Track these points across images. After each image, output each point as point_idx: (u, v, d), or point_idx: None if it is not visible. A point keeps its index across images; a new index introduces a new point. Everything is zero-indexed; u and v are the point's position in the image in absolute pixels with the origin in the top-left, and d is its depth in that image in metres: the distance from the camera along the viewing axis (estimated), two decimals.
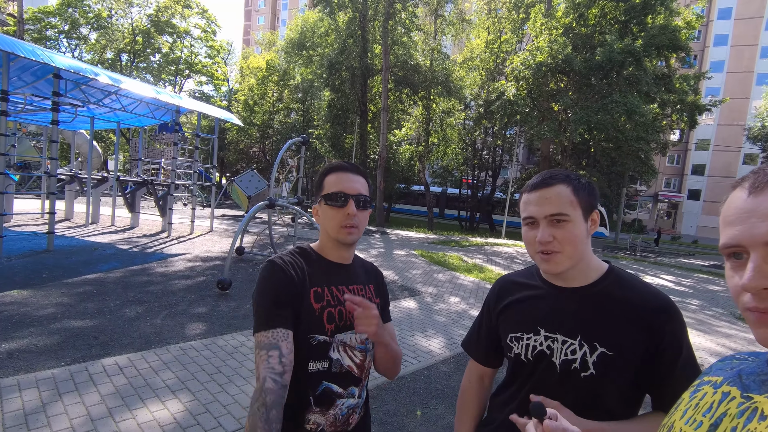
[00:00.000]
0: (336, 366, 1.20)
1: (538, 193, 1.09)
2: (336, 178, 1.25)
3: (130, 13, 31.98)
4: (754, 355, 0.70)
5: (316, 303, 1.19)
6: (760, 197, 0.55)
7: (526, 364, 1.14)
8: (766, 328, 0.54)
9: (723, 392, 0.65)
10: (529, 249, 1.12)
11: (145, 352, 4.03)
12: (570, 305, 1.11)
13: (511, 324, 1.19)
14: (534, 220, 1.09)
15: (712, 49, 44.19)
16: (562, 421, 0.72)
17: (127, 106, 10.97)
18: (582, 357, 1.05)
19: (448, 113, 24.17)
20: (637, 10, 17.81)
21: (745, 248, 0.55)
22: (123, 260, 7.76)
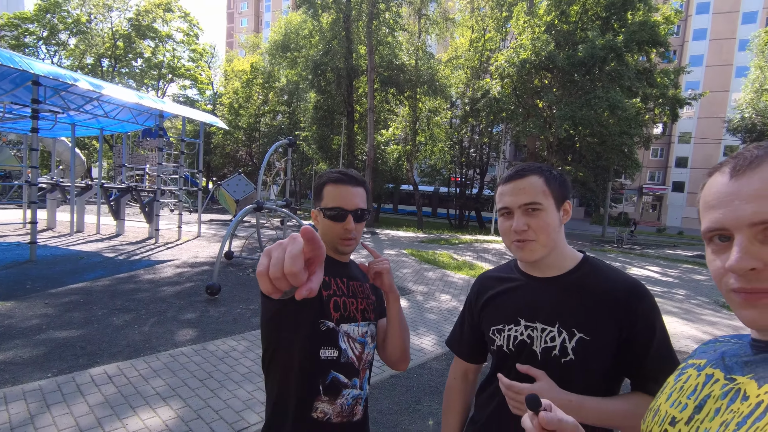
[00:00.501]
0: (344, 356, 1.24)
1: (512, 184, 1.13)
2: (336, 190, 1.27)
3: (109, 18, 31.48)
4: (736, 337, 0.71)
5: (324, 290, 1.23)
6: (742, 180, 0.56)
7: (509, 354, 1.16)
8: (752, 309, 0.55)
9: (707, 374, 0.66)
10: (505, 239, 1.16)
11: (134, 360, 3.98)
12: (547, 294, 1.14)
13: (492, 317, 1.22)
14: (509, 210, 1.12)
15: (691, 44, 45.00)
16: (557, 412, 0.72)
17: (109, 112, 10.81)
18: (561, 343, 1.09)
19: (434, 112, 24.22)
20: (617, 6, 18.06)
21: (730, 231, 0.56)
22: (109, 268, 7.64)
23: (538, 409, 0.71)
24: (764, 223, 0.53)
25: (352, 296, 1.30)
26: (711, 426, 0.58)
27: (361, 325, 1.30)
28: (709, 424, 0.59)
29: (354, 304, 1.30)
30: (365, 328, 1.32)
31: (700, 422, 0.60)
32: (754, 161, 0.56)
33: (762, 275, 0.53)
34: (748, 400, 0.56)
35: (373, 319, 1.37)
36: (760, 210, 0.53)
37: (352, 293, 1.30)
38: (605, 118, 16.69)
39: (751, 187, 0.54)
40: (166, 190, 14.44)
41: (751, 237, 0.54)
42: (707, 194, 0.61)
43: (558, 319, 1.11)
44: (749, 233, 0.54)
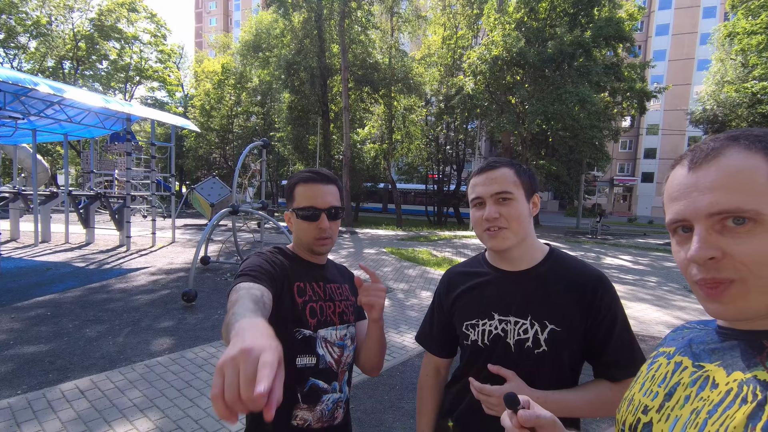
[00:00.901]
0: (323, 362, 1.22)
1: (484, 175, 1.16)
2: (307, 190, 1.25)
3: (71, 19, 30.34)
4: (703, 323, 0.72)
5: (299, 297, 1.21)
6: (699, 172, 0.57)
7: (483, 349, 1.17)
8: (717, 302, 0.56)
9: (675, 362, 0.67)
10: (477, 229, 1.18)
11: (108, 372, 3.85)
12: (519, 287, 1.17)
13: (465, 312, 1.22)
14: (481, 200, 1.15)
15: (654, 39, 46.49)
16: (535, 409, 0.72)
17: (73, 117, 10.42)
18: (534, 335, 1.12)
19: (409, 110, 24.30)
20: (584, 2, 18.50)
21: (690, 222, 0.57)
22: (79, 279, 7.38)
23: (516, 408, 0.72)
24: (720, 214, 0.54)
25: (329, 300, 1.28)
26: (681, 413, 0.59)
27: (339, 329, 1.29)
28: (679, 412, 0.60)
29: (331, 307, 1.28)
30: (344, 331, 1.30)
31: (671, 409, 0.61)
32: (710, 153, 0.57)
33: (720, 264, 0.54)
34: (718, 387, 0.56)
35: (353, 321, 1.35)
36: (716, 201, 0.54)
37: (329, 297, 1.28)
38: (576, 112, 17.09)
39: (707, 179, 0.56)
40: (137, 196, 14.04)
41: (709, 227, 0.55)
42: (669, 187, 0.62)
43: (530, 311, 1.13)
44: (707, 224, 0.55)
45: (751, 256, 0.52)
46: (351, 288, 1.41)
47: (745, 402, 0.51)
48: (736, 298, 0.54)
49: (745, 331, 0.59)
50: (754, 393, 0.51)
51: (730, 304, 0.55)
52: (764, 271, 0.52)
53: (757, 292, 0.53)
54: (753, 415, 0.49)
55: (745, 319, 0.57)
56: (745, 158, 0.54)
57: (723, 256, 0.54)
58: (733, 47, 22.21)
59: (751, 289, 0.53)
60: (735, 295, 0.54)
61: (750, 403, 0.51)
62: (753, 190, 0.53)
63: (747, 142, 0.55)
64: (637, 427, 0.66)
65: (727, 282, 0.54)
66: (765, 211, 0.52)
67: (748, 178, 0.53)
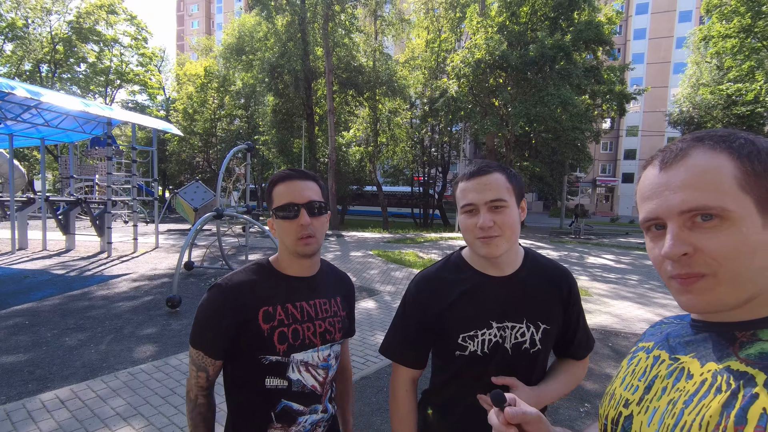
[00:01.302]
0: (297, 386, 1.17)
1: (477, 180, 1.11)
2: (284, 188, 1.17)
3: (48, 21, 29.68)
4: (679, 318, 0.75)
5: (265, 324, 1.14)
6: (670, 171, 0.59)
7: (480, 358, 1.15)
8: (688, 294, 0.58)
9: (654, 356, 0.70)
10: (468, 236, 1.14)
11: (90, 381, 3.77)
12: (510, 292, 1.17)
13: (460, 324, 1.16)
14: (474, 207, 1.10)
15: (632, 43, 47.61)
16: (521, 406, 0.74)
17: (51, 121, 10.20)
18: (530, 337, 1.15)
19: (394, 113, 24.37)
20: (564, 6, 18.83)
21: (663, 219, 0.60)
22: (59, 286, 7.20)
23: (503, 405, 0.73)
24: (692, 211, 0.56)
25: (308, 320, 1.20)
26: (659, 405, 0.61)
27: (322, 349, 1.22)
28: (657, 403, 0.62)
29: (311, 328, 1.20)
30: (327, 351, 1.23)
31: (649, 401, 0.64)
32: (679, 153, 0.59)
33: (693, 260, 0.56)
34: (693, 378, 0.59)
35: (339, 339, 1.28)
36: (687, 198, 0.57)
37: (307, 317, 1.20)
38: (558, 114, 17.37)
39: (678, 178, 0.58)
40: (118, 201, 13.79)
41: (681, 224, 0.57)
42: (642, 187, 0.64)
43: (524, 315, 1.15)
44: (679, 221, 0.57)
45: (720, 251, 0.55)
46: (344, 300, 1.33)
47: (719, 391, 0.53)
48: (706, 290, 0.56)
49: (718, 324, 0.62)
50: (727, 382, 0.53)
51: (701, 296, 0.57)
52: (732, 264, 0.54)
53: (726, 285, 0.55)
54: (727, 403, 0.51)
55: (715, 311, 0.59)
56: (710, 158, 0.57)
57: (695, 252, 0.56)
58: (708, 50, 22.84)
59: (721, 282, 0.55)
60: (705, 287, 0.56)
61: (724, 392, 0.53)
62: (718, 189, 0.55)
63: (711, 142, 0.58)
64: (619, 420, 0.68)
65: (699, 276, 0.56)
66: (730, 207, 0.54)
67: (713, 177, 0.56)
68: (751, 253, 0.54)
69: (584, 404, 3.55)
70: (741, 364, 0.55)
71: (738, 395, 0.51)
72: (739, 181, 0.55)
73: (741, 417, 0.49)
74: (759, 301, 0.57)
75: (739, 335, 0.58)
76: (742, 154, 0.56)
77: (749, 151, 0.56)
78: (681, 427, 0.55)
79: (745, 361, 0.54)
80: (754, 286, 0.55)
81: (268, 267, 1.24)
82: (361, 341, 4.96)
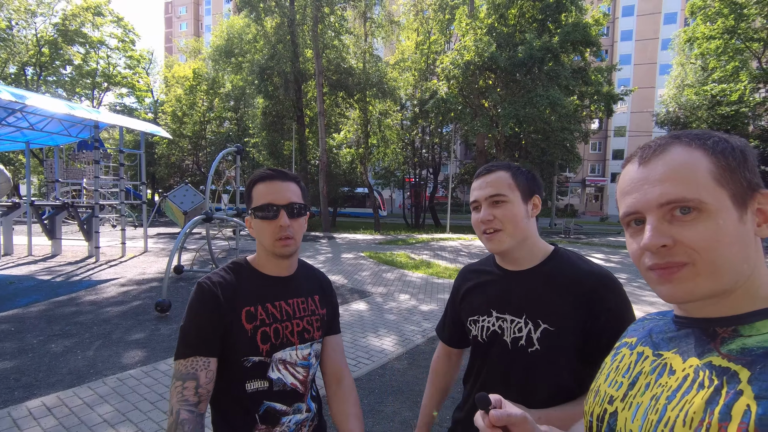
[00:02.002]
0: (278, 385, 1.17)
1: (480, 179, 1.20)
2: (264, 188, 1.17)
3: (33, 24, 29.23)
4: (662, 314, 0.76)
5: (248, 323, 1.14)
6: (649, 166, 0.61)
7: (482, 344, 1.23)
8: (667, 284, 0.59)
9: (638, 353, 0.70)
10: (477, 231, 1.21)
11: (77, 388, 3.71)
12: (518, 286, 1.19)
13: (469, 308, 1.29)
14: (478, 204, 1.19)
15: (619, 44, 48.21)
16: (507, 407, 0.73)
17: (36, 124, 10.04)
18: (527, 334, 1.13)
19: (384, 114, 24.37)
20: (551, 9, 19.01)
21: (642, 213, 0.61)
22: (45, 292, 7.09)
23: (488, 408, 0.73)
24: (670, 203, 0.58)
25: (287, 320, 1.21)
26: (642, 400, 0.62)
27: (301, 348, 1.22)
28: (640, 399, 0.63)
29: (288, 327, 1.20)
30: (307, 350, 1.24)
31: (633, 398, 0.64)
32: (657, 149, 0.62)
33: (672, 251, 0.58)
34: (675, 374, 0.60)
35: (318, 337, 1.28)
36: (665, 191, 0.58)
37: (286, 316, 1.21)
38: (547, 115, 17.51)
39: (656, 172, 0.60)
40: (105, 205, 13.62)
41: (660, 217, 0.59)
42: (622, 182, 0.66)
43: (525, 310, 1.15)
44: (658, 213, 0.59)
45: (699, 241, 0.56)
46: (322, 299, 1.33)
47: (702, 387, 0.54)
48: (685, 279, 0.58)
49: (699, 319, 0.62)
50: (710, 378, 0.54)
51: (680, 285, 0.58)
52: (710, 254, 0.56)
53: (704, 275, 0.57)
54: (711, 399, 0.52)
55: (692, 301, 0.60)
56: (687, 153, 0.59)
57: (674, 244, 0.57)
58: (692, 52, 23.22)
59: (700, 272, 0.57)
60: (685, 277, 0.58)
61: (707, 388, 0.53)
62: (695, 182, 0.57)
63: (687, 140, 0.61)
64: (604, 417, 0.69)
65: (679, 265, 0.58)
66: (706, 199, 0.56)
67: (690, 171, 0.58)
68: (729, 244, 0.56)
69: None
70: (723, 359, 0.55)
71: (721, 391, 0.52)
72: (714, 176, 0.57)
73: (725, 413, 0.49)
74: (738, 296, 0.58)
75: (720, 331, 0.59)
76: (717, 150, 0.59)
77: (723, 147, 0.59)
78: (665, 423, 0.55)
79: (727, 357, 0.55)
80: (731, 277, 0.57)
81: (247, 266, 1.24)
82: (353, 343, 4.95)
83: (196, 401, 1.05)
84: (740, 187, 0.58)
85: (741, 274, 0.57)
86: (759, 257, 0.59)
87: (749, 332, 0.56)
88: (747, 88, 21.22)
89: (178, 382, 1.08)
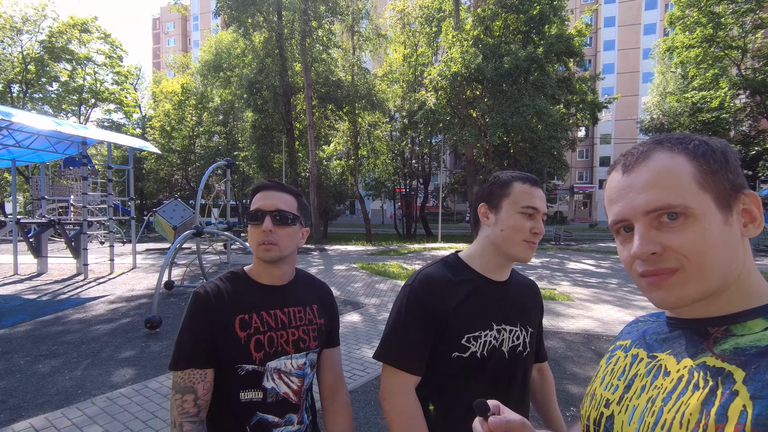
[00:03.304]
0: (272, 395, 1.17)
1: (539, 191, 1.26)
2: (259, 196, 1.23)
3: (19, 41, 29.06)
4: (655, 316, 0.77)
5: (242, 331, 1.15)
6: (633, 174, 0.62)
7: (480, 360, 1.15)
8: (659, 290, 0.60)
9: (632, 355, 0.70)
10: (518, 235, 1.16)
11: (65, 408, 3.63)
12: (507, 296, 1.22)
13: (467, 324, 1.15)
14: (535, 212, 1.21)
15: (602, 54, 49.30)
16: (505, 413, 0.73)
17: (21, 141, 9.93)
18: (524, 340, 1.22)
19: (374, 126, 24.52)
20: (535, 21, 19.42)
21: (630, 221, 0.61)
22: (31, 311, 6.95)
23: (486, 414, 0.73)
24: (656, 210, 0.58)
25: (282, 328, 1.21)
26: (638, 403, 0.62)
27: (296, 357, 1.22)
28: (636, 401, 0.63)
29: (284, 336, 1.21)
30: (302, 360, 1.23)
31: (629, 400, 0.64)
32: (640, 156, 0.62)
33: (662, 257, 0.58)
34: (670, 375, 0.60)
35: (314, 347, 1.27)
36: (651, 199, 0.59)
37: (281, 325, 1.21)
38: (533, 124, 17.77)
39: (641, 180, 0.60)
40: (93, 222, 13.44)
41: (648, 224, 0.59)
42: (608, 191, 0.67)
43: (518, 318, 1.22)
44: (645, 221, 0.59)
45: (687, 246, 0.57)
46: (320, 308, 1.32)
47: (697, 388, 0.54)
48: (675, 285, 0.58)
49: (691, 320, 0.63)
50: (704, 379, 0.54)
51: (671, 291, 0.58)
52: (699, 259, 0.56)
53: (694, 280, 0.57)
54: (706, 400, 0.52)
55: (684, 306, 0.60)
56: (670, 159, 0.60)
57: (664, 250, 0.58)
58: (672, 60, 23.81)
59: (690, 277, 0.57)
60: (675, 282, 0.58)
61: (702, 389, 0.53)
62: (679, 187, 0.58)
63: (670, 144, 0.61)
64: (601, 421, 0.68)
65: (669, 271, 0.58)
66: (692, 205, 0.57)
67: (674, 177, 0.58)
68: (716, 247, 0.56)
69: (570, 408, 3.58)
70: (717, 360, 0.55)
71: (717, 392, 0.52)
72: (697, 180, 0.58)
73: (722, 414, 0.49)
74: (729, 295, 0.59)
75: (712, 331, 0.59)
76: (698, 154, 0.59)
77: (704, 151, 0.59)
78: (661, 425, 0.55)
79: (720, 357, 0.55)
80: (720, 278, 0.57)
81: (243, 275, 1.26)
82: (347, 355, 4.92)
83: (196, 411, 1.11)
84: (723, 189, 0.58)
85: (729, 275, 0.57)
86: (747, 257, 0.60)
87: (741, 331, 0.56)
88: (727, 94, 21.76)
89: (177, 395, 1.10)
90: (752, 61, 22.44)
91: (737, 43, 21.19)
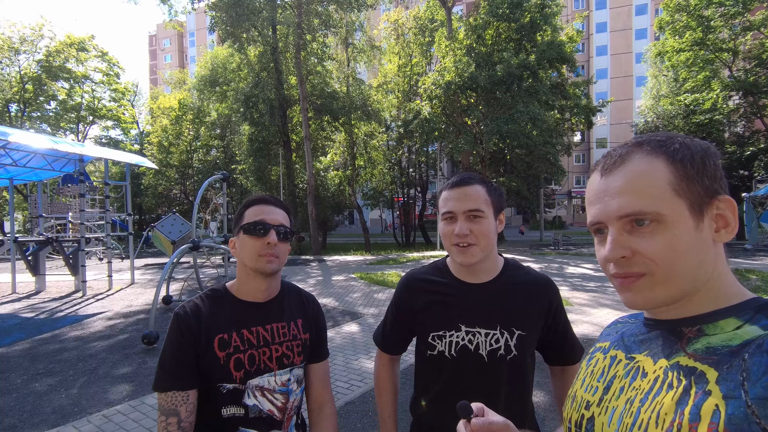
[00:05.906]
0: (254, 412, 1.17)
1: (458, 190, 1.18)
2: (258, 209, 1.22)
3: (17, 61, 29.32)
4: (633, 317, 0.78)
5: (221, 351, 1.15)
6: (610, 178, 0.62)
7: (449, 360, 1.21)
8: (629, 292, 0.61)
9: (611, 357, 0.71)
10: (446, 241, 1.20)
11: (61, 427, 3.61)
12: (484, 299, 1.22)
13: (431, 323, 1.24)
14: (453, 215, 1.17)
15: (595, 59, 49.75)
16: (489, 415, 0.74)
17: (19, 160, 9.98)
18: (505, 343, 1.19)
19: (370, 136, 24.67)
20: (526, 29, 19.66)
21: (605, 224, 0.63)
22: (28, 330, 6.92)
23: (469, 416, 0.73)
24: (628, 216, 0.59)
25: (264, 345, 1.21)
26: (617, 404, 0.63)
27: (280, 374, 1.22)
28: (615, 403, 0.63)
29: (266, 353, 1.20)
30: (286, 376, 1.23)
31: (609, 402, 0.65)
32: (617, 160, 0.62)
33: (631, 261, 0.60)
34: (647, 376, 0.61)
35: (299, 362, 1.27)
36: (623, 204, 0.59)
37: (263, 342, 1.21)
38: (528, 130, 17.89)
39: (616, 184, 0.61)
40: (92, 238, 13.44)
41: (620, 228, 0.60)
42: (587, 192, 0.68)
43: (498, 321, 1.19)
44: (618, 225, 0.60)
45: (656, 252, 0.57)
46: (305, 323, 1.32)
47: (671, 387, 0.55)
48: (644, 288, 0.59)
49: (666, 321, 0.64)
50: (678, 378, 0.55)
51: (639, 293, 0.60)
52: (667, 264, 0.57)
53: (662, 284, 0.58)
54: (680, 400, 0.53)
55: (654, 307, 0.62)
56: (647, 163, 0.60)
57: (633, 255, 0.59)
58: (663, 64, 24.04)
59: (658, 282, 0.58)
60: (643, 286, 0.59)
61: (676, 388, 0.54)
62: (653, 194, 0.58)
63: (650, 147, 0.61)
64: (582, 423, 0.69)
65: (637, 275, 0.60)
66: (664, 212, 0.57)
67: (648, 183, 0.59)
68: (684, 253, 0.57)
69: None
70: (689, 359, 0.56)
71: (690, 392, 0.52)
72: (673, 186, 0.58)
73: (695, 414, 0.50)
74: (701, 297, 0.60)
75: (686, 331, 0.60)
76: (677, 158, 0.59)
77: (683, 156, 0.59)
78: (639, 425, 0.56)
79: (693, 357, 0.56)
80: (688, 283, 0.58)
81: (224, 293, 1.25)
82: (345, 366, 4.90)
83: None
84: (697, 196, 0.58)
85: (697, 280, 0.58)
86: (719, 260, 0.60)
87: (713, 331, 0.57)
88: (720, 96, 21.93)
89: (162, 417, 1.11)
90: (743, 62, 22.66)
91: (728, 45, 21.41)
